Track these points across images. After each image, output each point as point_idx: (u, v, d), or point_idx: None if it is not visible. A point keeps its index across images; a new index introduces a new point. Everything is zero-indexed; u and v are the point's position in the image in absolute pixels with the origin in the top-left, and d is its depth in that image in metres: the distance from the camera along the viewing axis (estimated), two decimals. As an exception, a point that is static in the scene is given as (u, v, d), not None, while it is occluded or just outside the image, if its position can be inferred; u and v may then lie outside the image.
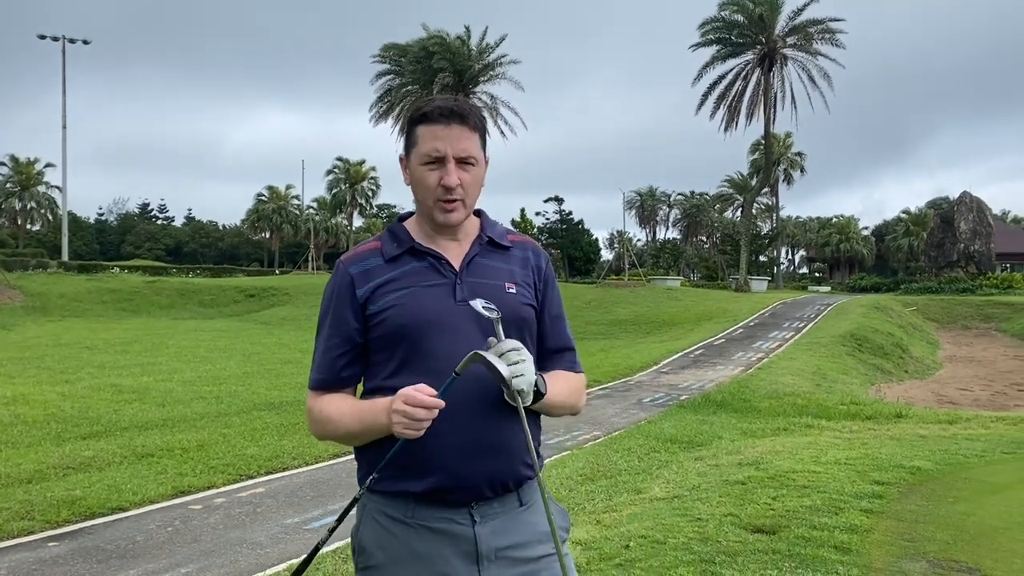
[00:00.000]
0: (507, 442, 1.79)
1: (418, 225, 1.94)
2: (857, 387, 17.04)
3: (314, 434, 1.93)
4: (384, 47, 49.30)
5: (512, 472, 1.82)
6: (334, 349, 1.88)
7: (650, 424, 11.33)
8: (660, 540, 5.09)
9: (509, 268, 1.93)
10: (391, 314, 1.81)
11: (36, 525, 6.24)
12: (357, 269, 1.89)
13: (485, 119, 1.95)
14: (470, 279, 1.87)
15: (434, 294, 1.83)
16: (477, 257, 1.91)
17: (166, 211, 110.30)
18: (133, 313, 37.58)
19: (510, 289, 1.89)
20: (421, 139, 1.85)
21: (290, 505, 7.01)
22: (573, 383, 1.96)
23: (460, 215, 1.87)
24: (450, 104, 1.85)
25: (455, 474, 1.76)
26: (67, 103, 53.69)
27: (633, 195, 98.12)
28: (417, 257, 1.88)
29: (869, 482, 6.66)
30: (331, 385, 1.88)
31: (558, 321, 1.99)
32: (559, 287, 2.04)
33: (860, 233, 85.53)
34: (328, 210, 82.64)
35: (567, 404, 1.92)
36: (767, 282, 56.12)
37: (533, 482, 1.89)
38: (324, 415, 1.86)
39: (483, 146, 1.91)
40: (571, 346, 2.01)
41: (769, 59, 46.36)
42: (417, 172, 1.86)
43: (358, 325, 1.86)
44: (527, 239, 2.03)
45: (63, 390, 13.44)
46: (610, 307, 34.23)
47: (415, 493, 1.78)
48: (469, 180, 1.86)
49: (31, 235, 76.25)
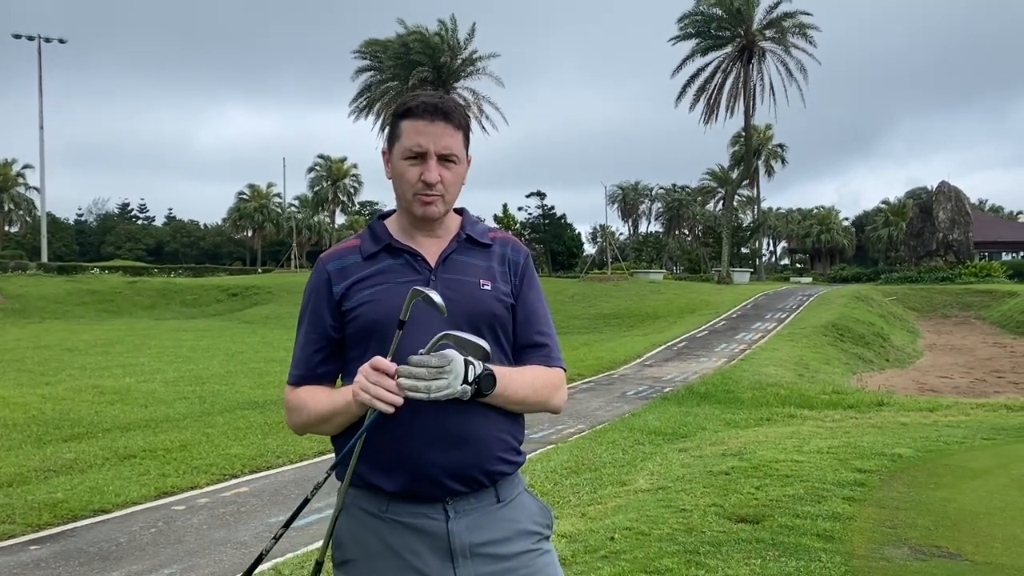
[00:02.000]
0: (474, 434, 1.77)
1: (398, 222, 1.94)
2: (839, 377, 17.18)
3: (291, 425, 1.92)
4: (364, 43, 49.14)
5: (480, 466, 1.79)
6: (311, 345, 1.88)
7: (634, 417, 11.37)
8: (645, 531, 5.11)
9: (487, 265, 1.92)
10: (364, 310, 1.82)
11: (17, 528, 6.19)
12: (335, 266, 1.89)
13: (469, 118, 1.95)
14: (444, 275, 1.86)
15: (407, 290, 1.81)
16: (453, 254, 1.90)
17: (146, 211, 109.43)
18: (114, 314, 37.28)
19: (484, 285, 1.88)
20: (404, 134, 1.84)
21: (275, 504, 6.99)
22: (542, 376, 1.89)
23: (438, 209, 1.86)
24: (435, 101, 1.85)
25: (422, 468, 1.75)
26: (43, 103, 53.15)
27: (615, 189, 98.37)
28: (393, 254, 1.88)
29: (851, 470, 6.71)
30: (308, 381, 1.89)
31: (534, 315, 1.95)
32: (539, 282, 2.02)
33: (840, 224, 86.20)
34: (310, 208, 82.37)
35: (533, 399, 1.86)
36: (749, 274, 56.45)
37: (512, 478, 1.88)
38: (299, 401, 1.87)
39: (466, 145, 1.90)
40: (547, 341, 1.96)
41: (748, 52, 46.59)
42: (399, 166, 1.86)
43: (334, 322, 1.86)
44: (508, 236, 2.02)
45: (44, 392, 13.32)
46: (593, 301, 34.31)
47: (387, 491, 1.78)
48: (450, 177, 1.85)
49: (10, 237, 75.51)
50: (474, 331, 1.79)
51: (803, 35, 46.22)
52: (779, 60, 47.15)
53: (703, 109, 48.77)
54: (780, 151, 76.56)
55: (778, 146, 76.11)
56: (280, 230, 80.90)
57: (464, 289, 1.85)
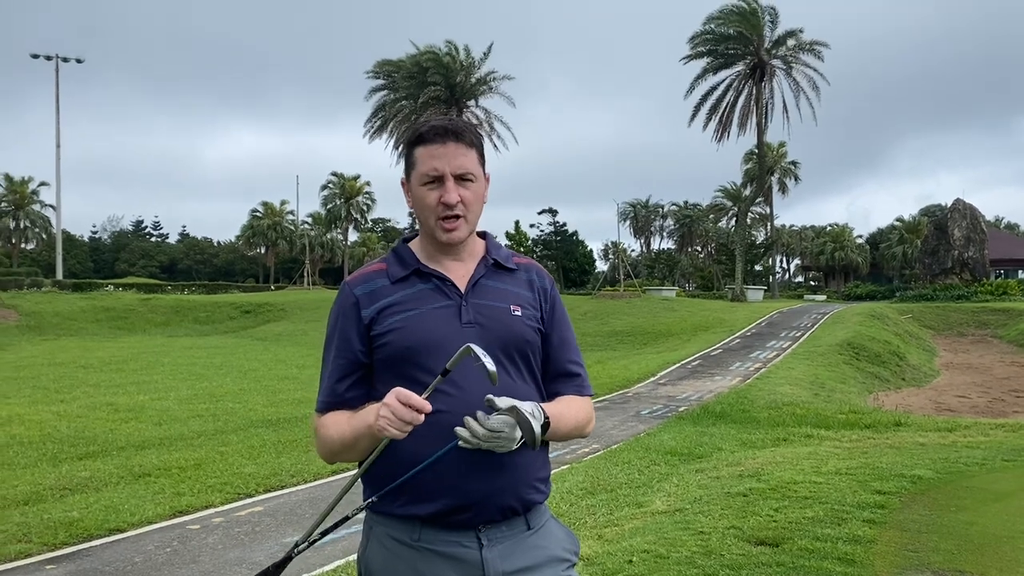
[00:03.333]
0: (512, 462, 1.77)
1: (422, 246, 1.94)
2: (855, 396, 17.03)
3: (321, 455, 1.91)
4: (377, 63, 49.46)
5: (518, 494, 1.81)
6: (339, 371, 1.87)
7: (649, 436, 11.30)
8: (663, 554, 5.06)
9: (515, 290, 1.92)
10: (395, 336, 1.81)
11: (33, 548, 6.18)
12: (362, 290, 1.88)
13: (481, 136, 1.95)
14: (475, 301, 1.86)
15: (439, 316, 1.82)
16: (483, 279, 1.90)
17: (160, 228, 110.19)
18: (128, 331, 37.48)
19: (515, 311, 1.88)
20: (419, 160, 1.85)
21: (289, 523, 6.96)
22: (580, 409, 1.93)
23: (462, 232, 1.86)
24: (444, 123, 1.86)
25: (462, 495, 1.75)
26: (59, 121, 53.77)
27: (627, 206, 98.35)
28: (423, 279, 1.88)
29: (871, 492, 6.64)
30: (335, 407, 1.87)
31: (566, 344, 1.98)
32: (565, 308, 2.03)
33: (854, 241, 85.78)
34: (323, 225, 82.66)
35: (574, 432, 1.92)
36: (763, 291, 56.20)
37: (541, 506, 1.88)
38: (324, 430, 1.86)
39: (482, 162, 1.91)
40: (579, 371, 1.99)
41: (760, 70, 46.62)
42: (418, 192, 1.86)
43: (363, 347, 1.85)
44: (531, 262, 2.03)
45: (59, 410, 13.37)
46: (606, 318, 34.22)
47: (421, 516, 1.77)
48: (469, 196, 1.85)
49: (25, 254, 76.08)
50: (506, 357, 1.82)
51: (812, 52, 46.29)
52: (790, 78, 47.20)
53: (715, 127, 48.80)
54: (794, 168, 76.44)
55: (791, 163, 76.00)
56: (293, 247, 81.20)
57: (495, 315, 1.85)
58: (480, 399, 1.73)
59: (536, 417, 1.69)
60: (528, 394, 1.85)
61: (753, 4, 45.51)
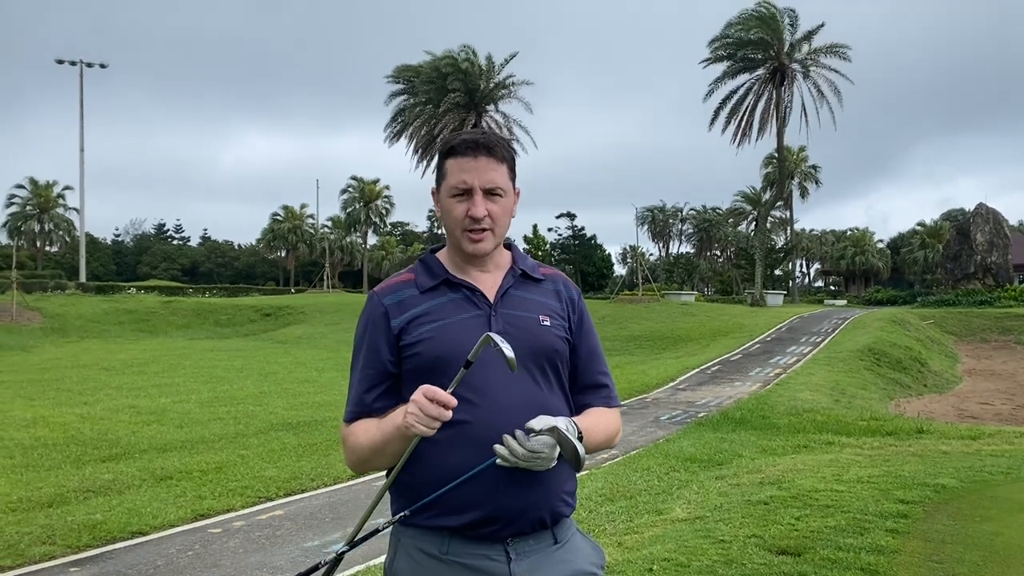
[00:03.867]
0: (544, 475, 1.77)
1: (449, 257, 1.95)
2: (876, 402, 16.89)
3: (349, 464, 1.92)
4: (397, 68, 49.69)
5: (549, 506, 1.82)
6: (367, 381, 1.88)
7: (668, 442, 11.26)
8: (684, 563, 5.04)
9: (543, 301, 1.94)
10: (425, 347, 1.82)
11: (57, 550, 6.25)
12: (391, 300, 1.89)
13: (514, 151, 1.96)
14: (504, 311, 1.88)
15: (469, 326, 1.83)
16: (511, 289, 1.92)
17: (182, 231, 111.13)
18: (150, 333, 37.82)
19: (544, 322, 1.90)
20: (450, 172, 1.87)
21: (309, 528, 6.99)
22: (610, 422, 1.96)
23: (488, 245, 1.88)
24: (477, 137, 1.87)
25: (492, 508, 1.76)
26: (83, 126, 54.40)
27: (645, 211, 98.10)
28: (452, 289, 1.89)
29: (893, 501, 6.59)
30: (363, 417, 1.88)
31: (594, 355, 2.00)
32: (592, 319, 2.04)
33: (875, 246, 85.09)
34: (343, 229, 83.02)
35: (603, 445, 1.94)
36: (783, 296, 55.85)
37: (568, 520, 1.89)
38: (353, 438, 1.87)
39: (512, 177, 1.92)
40: (607, 381, 2.01)
41: (780, 74, 46.40)
42: (447, 204, 1.88)
43: (392, 357, 1.86)
44: (557, 272, 2.04)
45: (82, 412, 13.50)
46: (624, 323, 34.13)
47: (451, 528, 1.77)
48: (497, 211, 1.87)
49: (50, 257, 76.89)
50: (536, 368, 1.84)
51: (836, 55, 45.99)
52: (811, 82, 46.94)
53: (735, 131, 48.63)
54: (814, 172, 75.95)
55: (812, 167, 75.52)
56: (313, 251, 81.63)
57: (525, 325, 1.87)
58: (505, 405, 1.76)
59: (570, 432, 1.70)
60: (557, 406, 1.86)
61: (772, 8, 45.32)
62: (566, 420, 1.75)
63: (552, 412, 1.80)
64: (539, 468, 1.70)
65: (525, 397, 1.80)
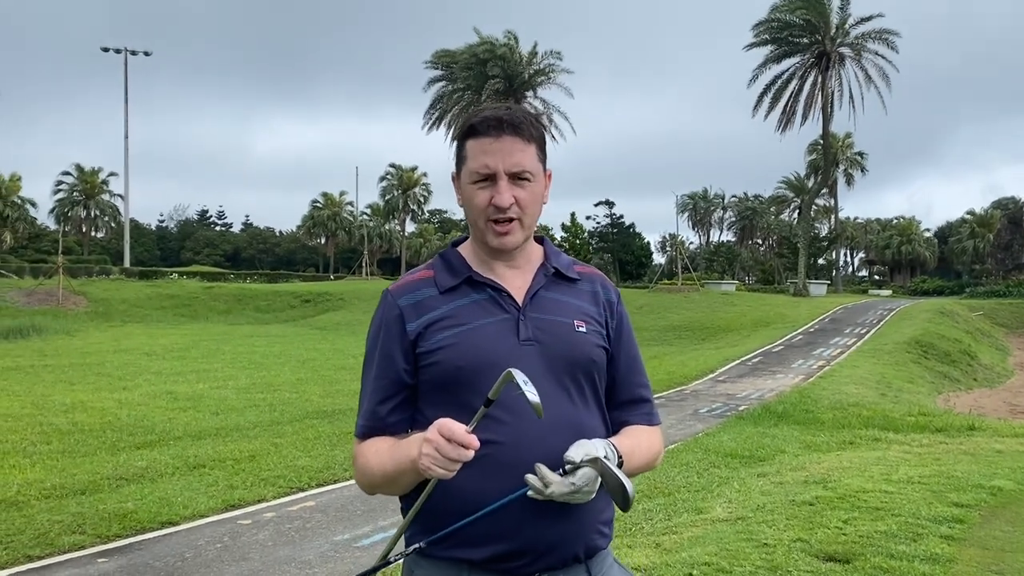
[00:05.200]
0: (580, 506, 1.54)
1: (473, 251, 1.73)
2: (924, 397, 16.40)
3: (360, 486, 1.72)
4: (435, 54, 49.55)
5: (584, 540, 1.60)
6: (380, 392, 1.67)
7: (708, 436, 10.98)
8: (725, 568, 4.80)
9: (579, 304, 1.71)
10: (445, 355, 1.60)
11: (87, 539, 6.20)
12: (407, 301, 1.67)
13: (544, 127, 1.72)
14: (534, 315, 1.65)
15: (494, 332, 1.61)
16: (542, 290, 1.69)
17: (224, 217, 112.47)
18: (191, 318, 38.27)
19: (580, 328, 1.67)
20: (470, 155, 1.64)
21: (340, 521, 6.87)
22: (652, 443, 1.73)
23: (516, 238, 1.65)
24: (500, 113, 1.63)
25: (521, 539, 1.55)
26: (128, 113, 55.20)
27: (686, 198, 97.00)
28: (475, 288, 1.67)
29: (947, 504, 6.27)
30: (377, 432, 1.68)
31: (634, 365, 1.77)
32: (632, 324, 1.81)
33: (922, 235, 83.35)
34: (381, 216, 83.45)
35: (643, 469, 1.72)
36: (826, 286, 54.89)
37: (604, 552, 1.67)
38: (363, 459, 1.66)
39: (542, 159, 1.68)
40: (648, 395, 1.79)
41: (826, 58, 45.35)
42: (467, 191, 1.66)
43: (408, 365, 1.65)
44: (594, 271, 1.81)
45: (120, 397, 13.59)
46: (663, 312, 33.72)
47: (471, 561, 1.57)
48: (526, 198, 1.63)
49: (96, 242, 78.35)
50: (571, 379, 1.62)
51: (883, 41, 44.81)
52: (858, 67, 45.81)
53: (779, 117, 47.71)
54: (860, 159, 74.42)
55: (858, 154, 74.00)
56: (352, 238, 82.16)
57: (559, 332, 1.64)
58: (536, 424, 1.53)
59: (611, 460, 1.50)
60: (594, 425, 1.65)
61: (819, -10, 44.26)
62: (605, 444, 1.53)
63: (588, 432, 1.59)
64: (576, 502, 1.50)
65: (558, 415, 1.58)
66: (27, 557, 5.80)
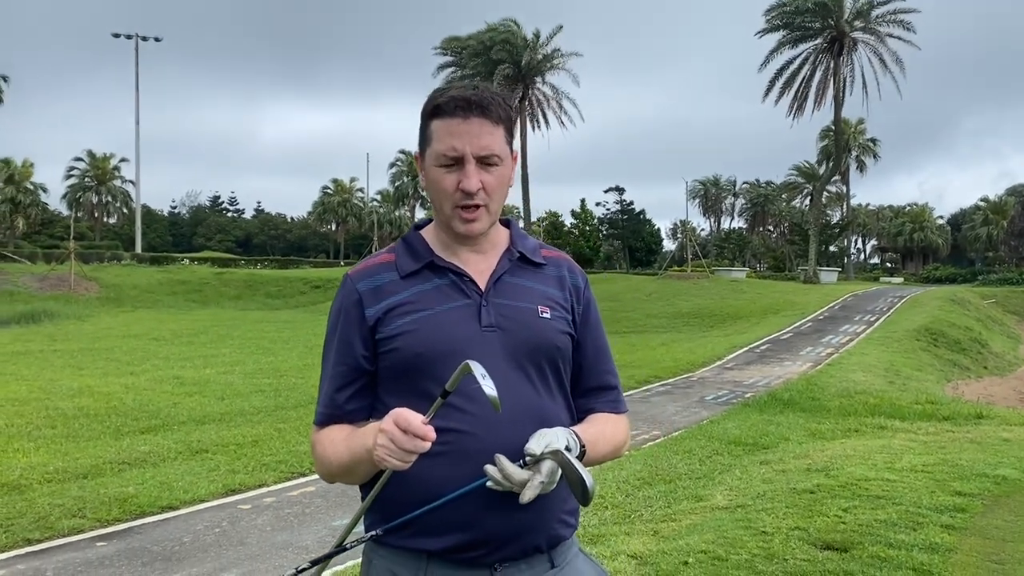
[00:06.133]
0: (543, 495, 1.50)
1: (436, 235, 1.68)
2: (933, 384, 16.29)
3: (320, 475, 1.69)
4: (445, 40, 49.42)
5: (546, 530, 1.56)
6: (339, 379, 1.63)
7: (712, 424, 10.94)
8: (722, 556, 4.77)
9: (543, 289, 1.67)
10: (404, 341, 1.56)
11: (87, 523, 6.22)
12: (366, 285, 1.63)
13: (511, 108, 1.66)
14: (497, 300, 1.61)
15: (455, 318, 1.57)
16: (506, 275, 1.64)
17: (236, 204, 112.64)
18: (202, 304, 38.44)
19: (544, 314, 1.63)
20: (436, 136, 1.59)
21: (339, 506, 6.88)
22: (617, 431, 1.69)
23: (483, 224, 1.61)
24: (468, 94, 1.57)
25: (480, 529, 1.51)
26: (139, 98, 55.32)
27: (697, 184, 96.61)
28: (437, 273, 1.62)
29: (949, 493, 6.22)
30: (336, 420, 1.64)
31: (601, 353, 1.73)
32: (599, 310, 1.77)
33: (935, 222, 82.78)
34: (391, 202, 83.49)
35: (608, 458, 1.68)
36: (837, 273, 54.60)
37: (568, 541, 1.64)
38: (321, 448, 1.63)
39: (509, 141, 1.63)
40: (615, 382, 1.74)
41: (839, 44, 44.91)
42: (433, 174, 1.60)
43: (366, 352, 1.61)
44: (562, 255, 1.76)
45: (127, 382, 13.65)
46: (672, 299, 33.62)
47: (429, 551, 1.54)
48: (492, 182, 1.59)
49: (108, 228, 78.71)
50: (533, 366, 1.58)
51: (899, 24, 44.30)
52: (872, 51, 45.36)
53: (790, 103, 47.36)
54: (872, 146, 73.86)
55: (870, 141, 73.44)
56: (363, 224, 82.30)
57: (521, 318, 1.60)
58: (507, 414, 1.49)
59: (573, 450, 1.46)
60: (557, 412, 1.61)
61: (833, -27, 43.80)
62: (567, 434, 1.49)
63: (551, 420, 1.55)
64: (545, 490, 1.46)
65: (521, 403, 1.55)
66: (26, 540, 5.82)
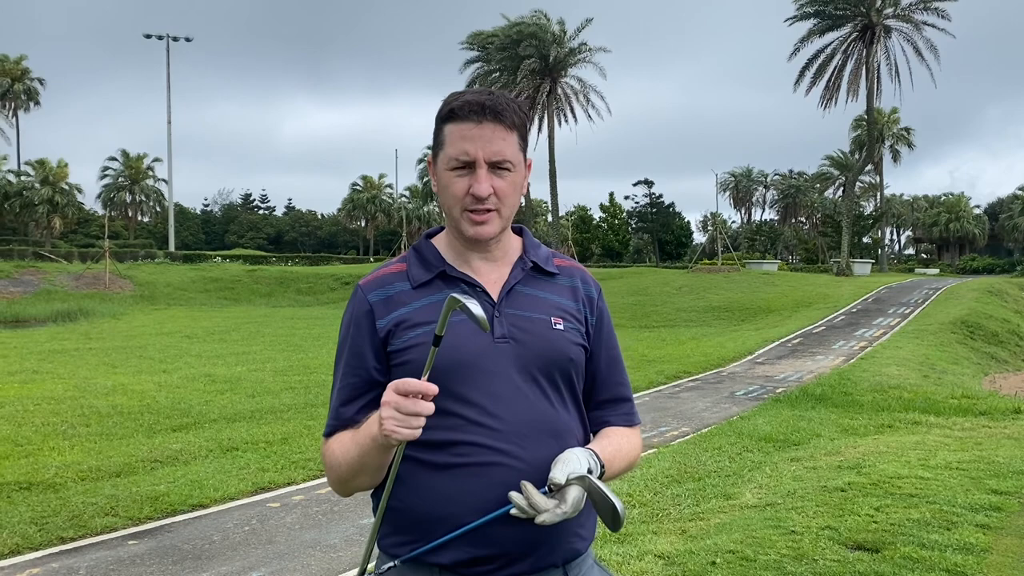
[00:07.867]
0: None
1: (448, 243, 1.67)
2: (969, 379, 16.02)
3: (333, 487, 1.68)
4: (471, 35, 49.39)
5: (562, 546, 1.55)
6: (349, 390, 1.63)
7: (743, 420, 10.83)
8: (750, 557, 4.72)
9: (556, 299, 1.65)
10: (417, 353, 1.55)
11: (119, 522, 6.30)
12: (378, 296, 1.62)
13: (526, 114, 1.65)
14: (509, 311, 1.59)
15: (468, 330, 1.54)
16: (518, 285, 1.63)
17: (268, 201, 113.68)
18: (234, 301, 38.86)
19: (557, 325, 1.61)
20: (449, 140, 1.58)
21: (367, 504, 6.82)
22: (632, 446, 1.67)
23: (493, 228, 1.59)
24: (482, 98, 1.57)
25: (491, 544, 1.49)
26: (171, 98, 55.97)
27: (727, 176, 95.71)
28: (449, 284, 1.61)
29: (985, 491, 6.09)
30: (343, 429, 1.63)
31: (614, 364, 1.70)
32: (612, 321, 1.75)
33: (971, 212, 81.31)
34: (420, 198, 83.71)
35: (622, 473, 1.65)
36: (870, 265, 53.87)
37: (584, 555, 1.62)
38: (330, 455, 1.62)
39: (523, 147, 1.61)
40: (628, 394, 1.72)
41: (871, 31, 44.22)
42: (444, 178, 1.60)
43: (378, 364, 1.60)
44: (575, 264, 1.74)
45: (160, 380, 13.83)
46: (702, 293, 33.36)
47: (440, 564, 1.52)
48: (504, 188, 1.57)
49: (142, 226, 79.78)
50: (546, 379, 1.56)
51: (933, 11, 43.50)
52: (906, 39, 44.60)
53: (822, 93, 46.76)
54: (907, 135, 72.69)
55: (904, 130, 72.28)
56: (392, 220, 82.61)
57: (535, 329, 1.58)
58: (510, 423, 1.49)
59: (594, 471, 1.45)
60: (569, 425, 1.59)
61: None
62: (588, 456, 1.47)
63: (564, 432, 1.54)
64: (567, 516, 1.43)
65: (534, 415, 1.54)
66: (60, 539, 5.91)
